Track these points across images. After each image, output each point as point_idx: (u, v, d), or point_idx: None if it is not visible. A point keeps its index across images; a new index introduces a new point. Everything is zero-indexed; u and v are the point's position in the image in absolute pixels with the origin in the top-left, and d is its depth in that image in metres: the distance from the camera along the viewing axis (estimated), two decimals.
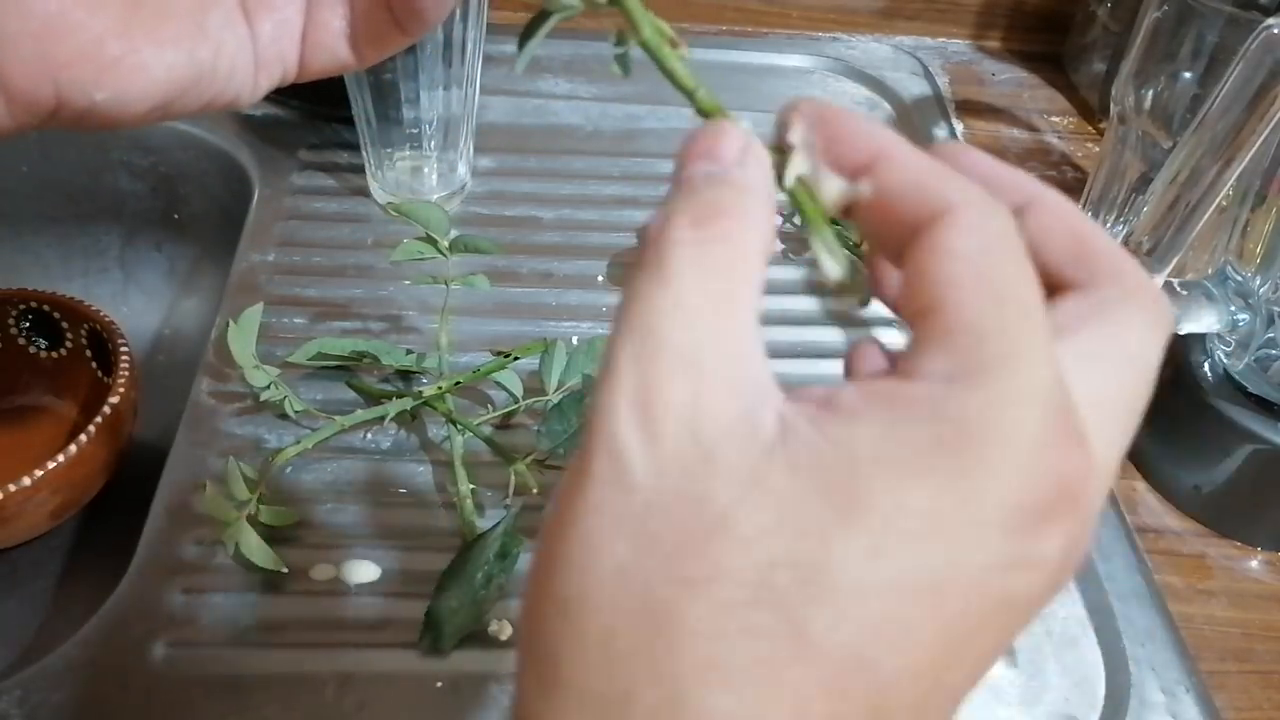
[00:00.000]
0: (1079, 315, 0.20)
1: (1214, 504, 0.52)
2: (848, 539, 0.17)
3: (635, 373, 0.18)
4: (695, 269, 0.19)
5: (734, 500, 0.17)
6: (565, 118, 0.75)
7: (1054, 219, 0.22)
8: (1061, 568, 0.18)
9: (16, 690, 0.41)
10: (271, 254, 0.62)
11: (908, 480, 0.17)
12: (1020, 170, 0.22)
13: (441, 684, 0.43)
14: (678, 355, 0.18)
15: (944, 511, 0.17)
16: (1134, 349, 0.20)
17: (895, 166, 0.20)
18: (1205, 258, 0.56)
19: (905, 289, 0.19)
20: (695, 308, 0.18)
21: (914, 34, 0.87)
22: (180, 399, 0.53)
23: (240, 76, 0.31)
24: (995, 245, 0.19)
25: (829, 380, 0.58)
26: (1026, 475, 0.17)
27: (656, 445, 0.17)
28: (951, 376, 0.18)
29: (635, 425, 0.18)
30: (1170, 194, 0.46)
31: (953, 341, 0.18)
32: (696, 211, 0.19)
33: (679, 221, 0.19)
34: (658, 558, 0.17)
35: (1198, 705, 0.45)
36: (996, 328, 0.18)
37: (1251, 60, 0.42)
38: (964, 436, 0.17)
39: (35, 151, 0.69)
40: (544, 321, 0.59)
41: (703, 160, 0.20)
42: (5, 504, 0.49)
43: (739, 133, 0.21)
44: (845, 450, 0.17)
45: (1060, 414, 0.18)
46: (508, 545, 0.45)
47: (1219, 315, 0.50)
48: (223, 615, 0.44)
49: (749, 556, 0.17)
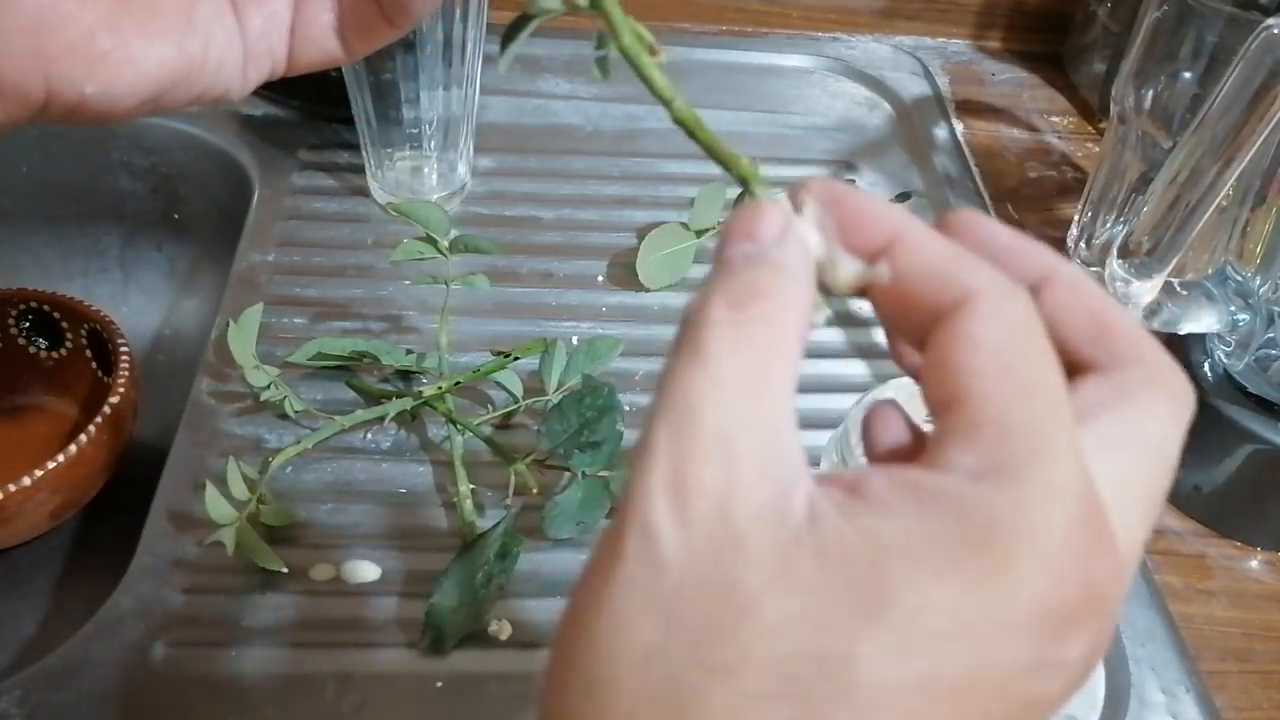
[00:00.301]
0: (1099, 400, 0.20)
1: (1214, 504, 0.52)
2: (873, 635, 0.16)
3: (670, 453, 0.18)
4: (731, 350, 0.19)
5: (761, 587, 0.17)
6: (565, 118, 0.75)
7: (1072, 296, 0.21)
8: (1085, 668, 0.18)
9: (16, 690, 0.41)
10: (271, 254, 0.62)
11: (935, 578, 0.17)
12: (1036, 243, 0.22)
13: (441, 684, 0.43)
14: (712, 436, 0.18)
15: (971, 613, 0.17)
16: (1156, 435, 0.20)
17: (913, 250, 0.20)
18: (1205, 258, 0.56)
19: (928, 378, 0.19)
20: (731, 389, 0.18)
21: (914, 34, 0.87)
22: (180, 399, 0.53)
23: (229, 70, 0.31)
24: (1019, 334, 0.19)
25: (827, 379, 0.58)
26: (1055, 580, 0.17)
27: (688, 528, 0.17)
28: (980, 473, 0.17)
29: (668, 506, 0.18)
30: (1170, 194, 0.46)
31: (980, 435, 0.18)
32: (734, 293, 0.19)
33: (717, 303, 0.19)
34: (684, 642, 0.17)
35: (1198, 705, 0.45)
36: (1024, 422, 0.18)
37: (1251, 60, 0.42)
38: (993, 537, 0.17)
39: (35, 151, 0.69)
40: (544, 321, 0.59)
41: (743, 241, 0.20)
42: (5, 504, 0.49)
43: (779, 213, 0.21)
44: (873, 542, 0.17)
45: (1090, 515, 0.18)
46: (508, 545, 0.45)
47: (1219, 315, 0.50)
48: (223, 615, 0.44)
49: (773, 646, 0.17)
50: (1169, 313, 0.49)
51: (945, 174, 0.72)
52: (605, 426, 0.47)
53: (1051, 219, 0.71)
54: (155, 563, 0.46)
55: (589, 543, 0.48)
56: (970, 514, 0.17)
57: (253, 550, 0.45)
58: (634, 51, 0.23)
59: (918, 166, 0.74)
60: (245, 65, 0.31)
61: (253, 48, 0.31)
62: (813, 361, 0.58)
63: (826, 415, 0.55)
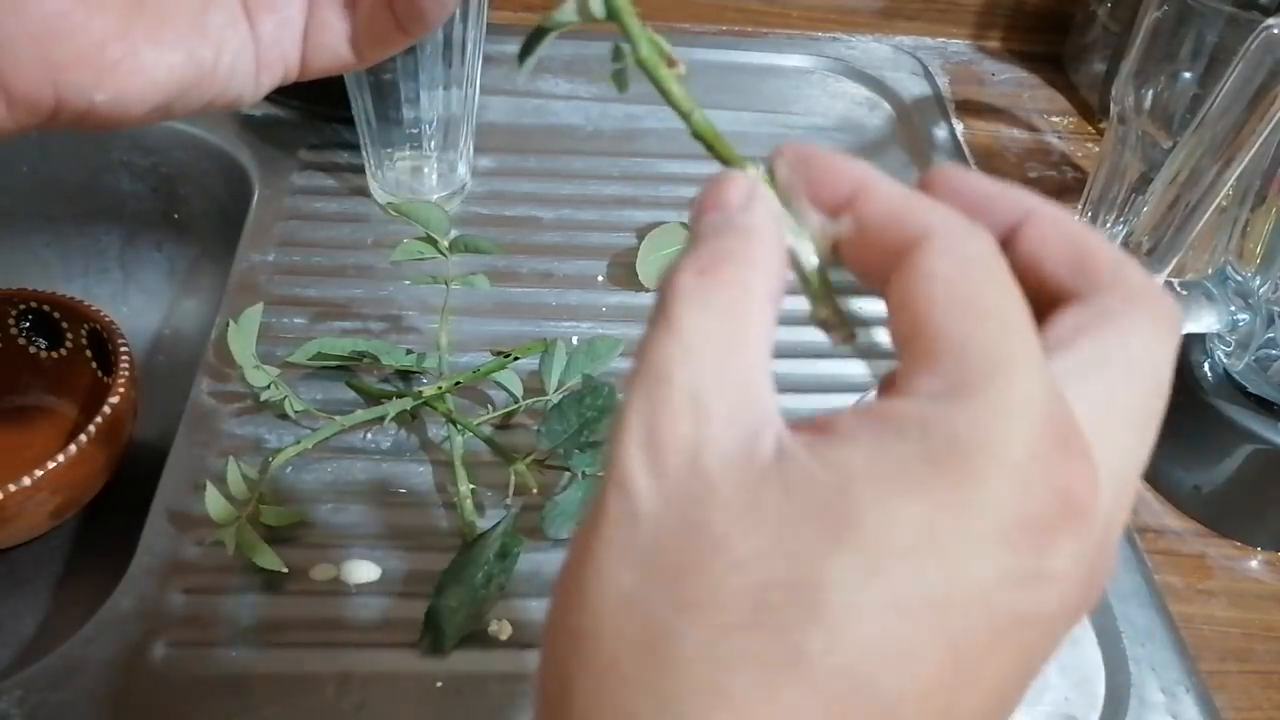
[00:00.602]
0: (1079, 325, 0.20)
1: (1214, 504, 0.52)
2: (840, 558, 0.17)
3: (644, 412, 0.18)
4: (700, 313, 0.19)
5: (729, 524, 0.17)
6: (565, 118, 0.75)
7: (1050, 229, 0.21)
8: (1081, 585, 0.18)
9: (16, 690, 0.41)
10: (271, 254, 0.62)
11: (899, 497, 0.17)
12: (1019, 188, 0.22)
13: (441, 684, 0.43)
14: (683, 394, 0.18)
15: (937, 527, 0.17)
16: (1140, 352, 0.20)
17: (872, 199, 0.20)
18: (1205, 258, 0.56)
19: (891, 318, 0.19)
20: (699, 350, 0.19)
21: (914, 34, 0.87)
22: (180, 399, 0.53)
23: (241, 76, 0.31)
24: (974, 266, 0.19)
25: (827, 380, 0.58)
26: (1021, 488, 0.17)
27: (662, 480, 0.18)
28: (939, 395, 0.18)
29: (643, 462, 0.18)
30: (1170, 194, 0.46)
31: (937, 361, 0.18)
32: (701, 260, 0.20)
33: (685, 271, 0.20)
34: (659, 585, 0.17)
35: (1198, 705, 0.45)
36: (979, 344, 0.18)
37: (1251, 60, 0.42)
38: (953, 451, 0.17)
39: (35, 151, 0.69)
40: (544, 321, 0.59)
41: (711, 211, 0.21)
42: (5, 504, 0.49)
43: (744, 178, 0.22)
44: (836, 470, 0.17)
45: (1054, 425, 0.18)
46: (508, 545, 0.45)
47: (1219, 315, 0.50)
48: (223, 615, 0.44)
49: (743, 579, 0.17)
50: None
51: None
52: (605, 426, 0.47)
53: None
54: (155, 563, 0.46)
55: None
56: (931, 432, 0.17)
57: (253, 550, 0.45)
58: (652, 64, 0.23)
59: (918, 166, 0.74)
60: (258, 71, 0.31)
61: (265, 54, 0.31)
62: (813, 361, 0.58)
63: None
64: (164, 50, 0.28)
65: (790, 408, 0.55)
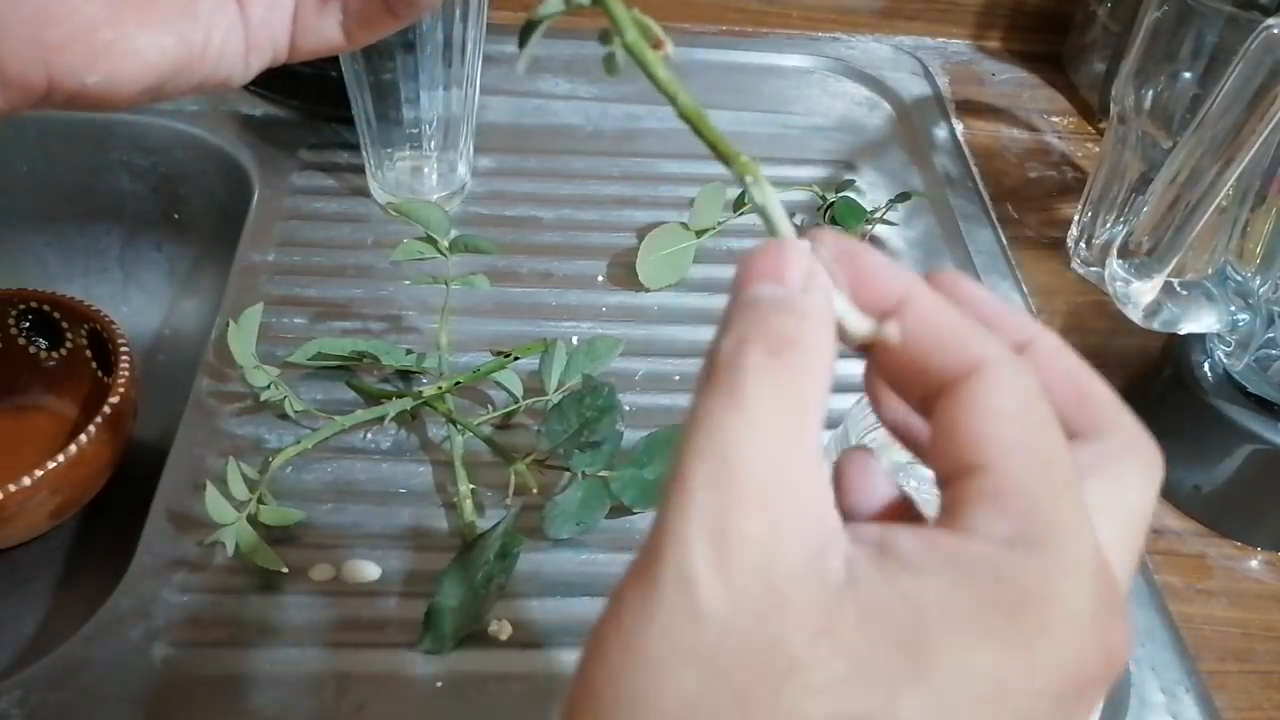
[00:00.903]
0: (1085, 466, 0.21)
1: (1214, 504, 0.52)
2: (917, 697, 0.17)
3: (710, 501, 0.18)
4: (770, 397, 0.19)
5: (805, 646, 0.17)
6: (565, 118, 0.75)
7: (1054, 363, 0.22)
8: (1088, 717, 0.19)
9: (16, 690, 0.41)
10: (271, 254, 0.62)
11: (975, 644, 0.17)
12: (1015, 308, 0.23)
13: (441, 684, 0.43)
14: (754, 488, 0.18)
15: (1007, 677, 0.17)
16: (1135, 499, 0.21)
17: (924, 314, 0.21)
18: (1205, 258, 0.56)
19: (942, 443, 0.20)
20: (769, 437, 0.19)
21: (914, 34, 0.87)
22: (180, 399, 0.53)
23: (231, 58, 0.31)
24: (1032, 406, 0.20)
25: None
26: (1081, 648, 0.18)
27: (730, 581, 0.18)
28: (1012, 542, 0.18)
29: (709, 557, 0.18)
30: (1170, 194, 0.46)
31: (1006, 505, 0.19)
32: (769, 340, 0.20)
33: (753, 349, 0.19)
34: (727, 697, 0.17)
35: (1198, 705, 0.45)
36: (1047, 493, 0.19)
37: (1251, 60, 0.42)
38: (1027, 605, 0.18)
39: (35, 151, 0.69)
40: (544, 321, 0.59)
41: (767, 282, 0.21)
42: (5, 504, 0.49)
43: (803, 254, 0.21)
44: (914, 604, 0.18)
45: (1107, 585, 0.19)
46: (508, 545, 0.45)
47: (1219, 315, 0.50)
48: (223, 615, 0.44)
49: (820, 704, 0.17)
50: (1169, 313, 0.49)
51: (945, 174, 0.72)
52: (605, 426, 0.47)
53: (1051, 219, 0.71)
54: (155, 563, 0.46)
55: (589, 543, 0.48)
56: (1005, 581, 0.18)
57: (253, 550, 0.45)
58: (638, 48, 0.23)
59: (918, 166, 0.74)
60: (247, 53, 0.31)
61: (254, 35, 0.31)
62: None
63: (827, 415, 0.54)
64: (155, 33, 0.28)
65: None
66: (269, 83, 0.71)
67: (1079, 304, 0.64)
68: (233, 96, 0.72)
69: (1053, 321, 0.63)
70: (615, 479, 0.47)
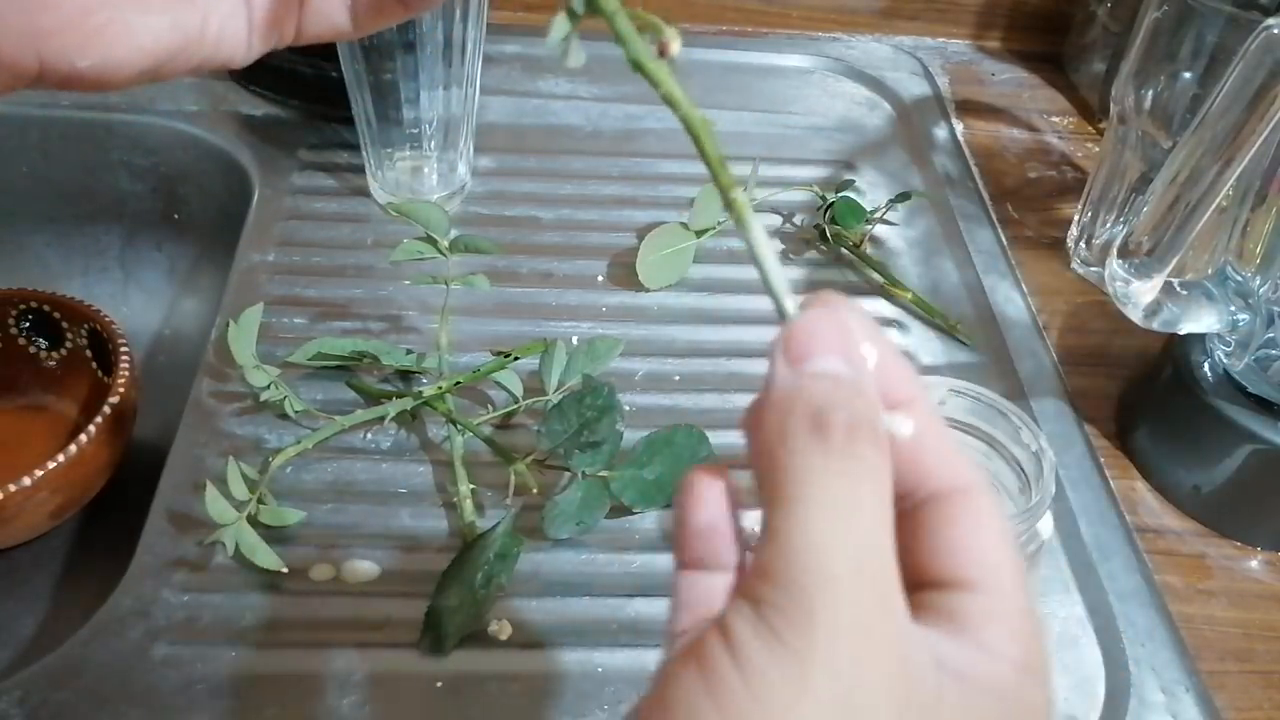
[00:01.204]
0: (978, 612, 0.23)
1: (1214, 504, 0.52)
2: None
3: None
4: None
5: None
6: (565, 118, 0.75)
7: (928, 429, 0.22)
8: None
9: (16, 690, 0.41)
10: (271, 254, 0.62)
11: None
12: (965, 460, 0.23)
13: (441, 684, 0.43)
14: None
15: None
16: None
17: (930, 422, 0.22)
18: (1205, 258, 0.56)
19: (939, 553, 0.21)
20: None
21: (914, 34, 0.87)
22: (180, 399, 0.53)
23: (232, 41, 0.30)
24: (1010, 534, 0.22)
25: None
26: None
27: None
28: (1024, 668, 0.21)
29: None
30: (1170, 194, 0.46)
31: (1015, 632, 0.21)
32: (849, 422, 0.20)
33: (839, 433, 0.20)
34: None
35: (1198, 705, 0.45)
36: (1035, 624, 0.21)
37: (1251, 60, 0.42)
38: (1035, 716, 0.21)
39: (35, 151, 0.69)
40: (544, 321, 0.59)
41: (834, 357, 0.21)
42: (5, 504, 0.49)
43: (860, 331, 0.22)
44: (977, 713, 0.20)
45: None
46: (508, 545, 0.45)
47: (1219, 315, 0.50)
48: (223, 615, 0.44)
49: None
50: (1169, 313, 0.49)
51: (945, 174, 0.72)
52: (605, 426, 0.47)
53: (1051, 219, 0.71)
54: (155, 563, 0.46)
55: (589, 543, 0.48)
56: (1024, 701, 0.21)
57: (253, 550, 0.45)
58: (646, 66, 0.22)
59: (918, 166, 0.74)
60: (250, 35, 0.31)
61: (259, 19, 0.31)
62: None
63: None
64: (149, 16, 0.28)
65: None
66: (269, 83, 0.71)
67: (1079, 304, 0.64)
68: (233, 96, 0.72)
69: (1053, 321, 0.63)
70: (615, 479, 0.47)
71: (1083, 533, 0.50)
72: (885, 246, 0.67)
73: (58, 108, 0.69)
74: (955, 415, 0.42)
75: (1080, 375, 0.59)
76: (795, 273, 0.64)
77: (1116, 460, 0.55)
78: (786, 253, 0.66)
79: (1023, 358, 0.59)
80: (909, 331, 0.61)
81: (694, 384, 0.56)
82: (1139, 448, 0.55)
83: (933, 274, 0.65)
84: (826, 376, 0.20)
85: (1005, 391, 0.51)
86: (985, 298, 0.63)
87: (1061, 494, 0.52)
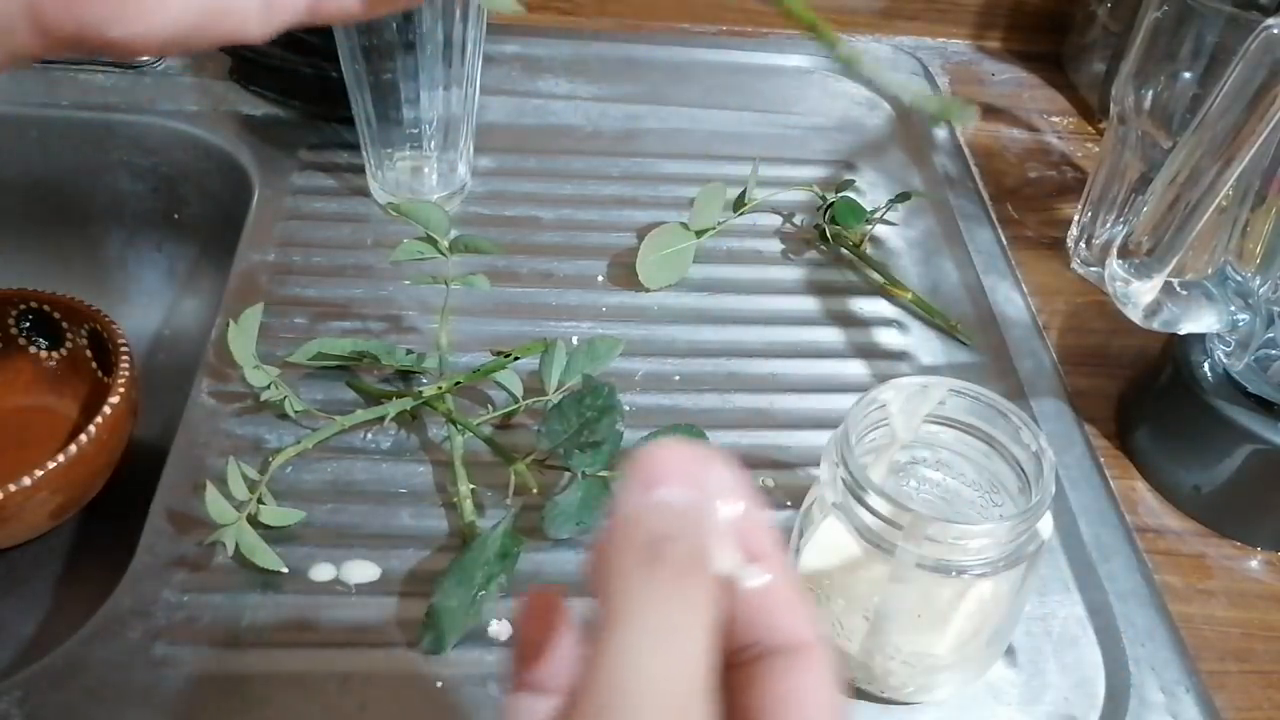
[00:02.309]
0: None
1: (1214, 504, 0.52)
2: None
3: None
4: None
5: None
6: (565, 118, 0.75)
7: (781, 584, 0.22)
8: None
9: (16, 690, 0.41)
10: (271, 254, 0.62)
11: None
12: (807, 615, 0.23)
13: (441, 684, 0.43)
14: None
15: None
16: None
17: (783, 578, 0.22)
18: (1205, 258, 0.56)
19: (771, 704, 0.21)
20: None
21: (914, 34, 0.87)
22: (180, 399, 0.53)
23: (254, 18, 0.32)
24: (838, 700, 0.21)
25: (827, 380, 0.58)
26: None
27: None
28: None
29: None
30: (1170, 194, 0.46)
31: None
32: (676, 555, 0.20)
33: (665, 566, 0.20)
34: None
35: (1198, 705, 0.45)
36: None
37: (1251, 60, 0.42)
38: None
39: (35, 151, 0.69)
40: (544, 321, 0.59)
41: (677, 486, 0.21)
42: (5, 504, 0.49)
43: (717, 467, 0.22)
44: None
45: None
46: (508, 545, 0.45)
47: (1219, 315, 0.50)
48: (223, 615, 0.44)
49: None
50: (1169, 313, 0.49)
51: (945, 174, 0.72)
52: (605, 426, 0.47)
53: (1051, 219, 0.71)
54: (155, 563, 0.46)
55: (589, 543, 0.48)
56: None
57: (253, 550, 0.45)
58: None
59: (917, 166, 0.74)
60: (269, 13, 0.32)
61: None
62: (813, 361, 0.58)
63: (827, 415, 0.55)
64: None
65: (790, 408, 0.55)
66: (269, 83, 0.71)
67: (1079, 304, 0.64)
68: (233, 96, 0.72)
69: (1053, 321, 0.63)
70: (615, 479, 0.47)
71: (1083, 533, 0.50)
72: (885, 246, 0.67)
73: (58, 108, 0.69)
74: (955, 415, 0.42)
75: (1080, 375, 0.59)
76: (795, 273, 0.64)
77: (1116, 460, 0.55)
78: (786, 253, 0.66)
79: (1023, 358, 0.59)
80: (909, 331, 0.61)
81: (694, 384, 0.57)
82: (1139, 448, 0.55)
83: (933, 274, 0.65)
84: (668, 507, 0.20)
85: (1005, 391, 0.51)
86: (985, 298, 0.63)
87: (1061, 494, 0.52)
